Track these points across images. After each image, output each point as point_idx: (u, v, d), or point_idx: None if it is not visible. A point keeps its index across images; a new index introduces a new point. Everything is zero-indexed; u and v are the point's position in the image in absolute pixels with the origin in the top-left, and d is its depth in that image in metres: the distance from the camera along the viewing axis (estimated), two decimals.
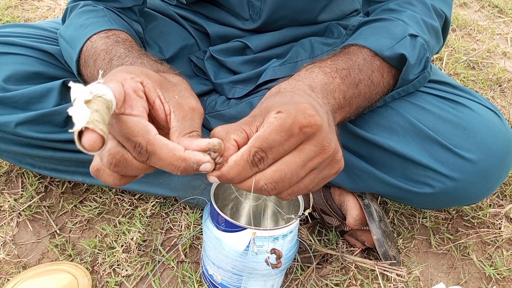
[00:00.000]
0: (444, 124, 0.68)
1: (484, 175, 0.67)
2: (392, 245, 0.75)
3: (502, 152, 0.68)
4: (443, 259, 0.84)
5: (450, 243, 0.86)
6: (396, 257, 0.75)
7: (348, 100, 0.58)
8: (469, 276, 0.81)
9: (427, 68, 0.68)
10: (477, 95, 0.74)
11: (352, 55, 0.62)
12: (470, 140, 0.66)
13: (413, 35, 0.65)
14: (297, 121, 0.44)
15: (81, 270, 0.72)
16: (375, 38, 0.64)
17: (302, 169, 0.45)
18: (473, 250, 0.85)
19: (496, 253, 0.85)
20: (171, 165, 0.42)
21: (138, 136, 0.42)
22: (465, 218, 0.91)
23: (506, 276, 0.81)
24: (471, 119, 0.68)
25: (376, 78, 0.62)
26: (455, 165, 0.66)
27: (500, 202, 0.95)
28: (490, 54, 1.51)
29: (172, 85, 0.50)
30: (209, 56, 0.90)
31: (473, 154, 0.66)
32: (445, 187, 0.67)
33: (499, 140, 0.68)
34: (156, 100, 0.47)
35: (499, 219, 0.91)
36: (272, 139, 0.43)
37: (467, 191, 0.68)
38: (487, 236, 0.87)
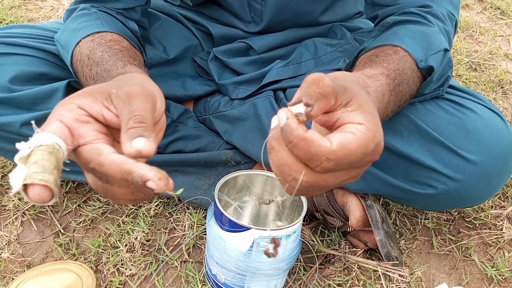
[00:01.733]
0: (448, 126, 0.68)
1: (486, 177, 0.68)
2: (394, 246, 0.76)
3: (505, 154, 0.68)
4: (445, 260, 0.84)
5: (452, 244, 0.86)
6: (398, 258, 0.76)
7: (388, 115, 0.58)
8: (471, 277, 0.81)
9: (444, 86, 0.68)
10: (481, 97, 0.74)
11: (404, 64, 0.60)
12: (473, 142, 0.67)
13: (446, 50, 0.64)
14: (379, 145, 0.40)
15: (85, 269, 0.72)
16: (414, 43, 0.62)
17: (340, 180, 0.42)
18: (474, 251, 0.85)
19: (497, 254, 0.85)
20: (124, 180, 0.39)
21: (91, 162, 0.40)
22: (467, 219, 0.92)
23: (507, 277, 0.81)
24: (474, 121, 0.68)
25: (413, 91, 0.62)
26: (458, 167, 0.67)
27: (502, 203, 0.95)
28: (492, 56, 1.51)
29: (121, 83, 0.46)
30: (212, 57, 0.90)
31: (476, 156, 0.66)
32: (448, 188, 0.67)
33: (502, 142, 0.68)
34: (104, 112, 0.43)
35: (500, 220, 0.91)
36: (351, 158, 0.38)
37: (469, 192, 0.68)
38: (489, 238, 0.87)
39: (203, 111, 0.90)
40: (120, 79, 0.50)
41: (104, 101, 0.43)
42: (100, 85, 0.46)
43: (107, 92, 0.43)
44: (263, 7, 0.84)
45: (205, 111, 0.89)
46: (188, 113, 0.87)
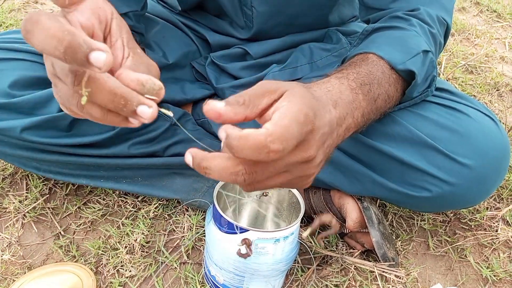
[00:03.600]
0: (441, 130, 0.69)
1: (480, 180, 0.69)
2: (390, 247, 0.77)
3: (498, 157, 0.69)
4: (441, 261, 0.85)
5: (447, 245, 0.88)
6: (394, 259, 0.77)
7: (366, 116, 0.58)
8: (467, 278, 0.82)
9: (431, 87, 0.69)
10: (474, 101, 0.75)
11: (372, 67, 0.62)
12: (467, 146, 0.68)
13: (425, 51, 0.65)
14: (309, 117, 0.42)
15: (86, 270, 0.73)
16: (391, 49, 0.64)
17: (283, 168, 0.43)
18: (470, 252, 0.86)
19: (492, 255, 0.86)
20: (54, 37, 0.33)
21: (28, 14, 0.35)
22: (463, 220, 0.93)
23: (502, 278, 0.82)
24: (468, 126, 0.69)
25: (391, 92, 0.63)
26: (452, 170, 0.68)
27: (497, 205, 0.96)
28: (488, 58, 1.53)
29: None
30: (210, 62, 0.91)
31: (469, 160, 0.67)
32: (442, 192, 0.69)
33: (495, 146, 0.69)
34: (119, 40, 0.43)
35: (496, 221, 0.92)
36: (291, 130, 0.40)
37: (463, 195, 0.70)
38: (484, 239, 0.88)
39: (202, 115, 0.91)
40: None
41: (125, 36, 0.44)
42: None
43: (130, 37, 0.45)
44: (253, 13, 0.85)
45: (204, 115, 0.90)
46: (186, 116, 0.88)
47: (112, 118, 0.42)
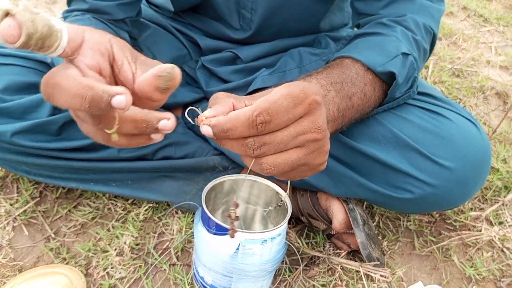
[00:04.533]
0: (423, 133, 0.71)
1: (461, 182, 0.71)
2: (376, 248, 0.78)
3: (479, 160, 0.71)
4: (426, 261, 0.87)
5: (433, 245, 0.89)
6: (380, 259, 0.78)
7: (341, 112, 0.60)
8: (451, 277, 0.84)
9: (413, 87, 0.71)
10: (456, 105, 0.77)
11: (345, 68, 0.64)
12: (448, 148, 0.70)
13: (405, 54, 0.67)
14: (305, 92, 0.45)
15: (76, 272, 0.74)
16: (369, 53, 0.66)
17: (292, 140, 0.46)
18: (454, 252, 0.88)
19: (476, 254, 0.88)
20: (77, 96, 0.37)
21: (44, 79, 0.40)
22: (448, 221, 0.95)
23: (485, 277, 0.84)
24: (449, 129, 0.71)
25: (368, 91, 0.65)
26: (434, 173, 0.70)
27: (481, 205, 0.98)
28: (475, 62, 1.55)
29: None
30: (200, 66, 0.93)
31: (450, 162, 0.69)
32: (424, 193, 0.70)
33: (476, 149, 0.71)
34: (124, 61, 0.45)
35: (480, 222, 0.94)
36: (280, 104, 0.43)
37: (445, 197, 0.71)
38: (468, 238, 0.90)
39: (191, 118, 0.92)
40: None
41: (129, 54, 0.46)
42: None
43: (133, 52, 0.47)
44: (253, 16, 0.86)
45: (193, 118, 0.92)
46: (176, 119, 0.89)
47: (137, 141, 0.45)
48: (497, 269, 0.85)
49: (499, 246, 0.89)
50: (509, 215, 0.96)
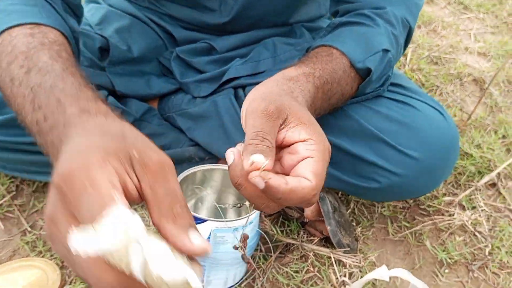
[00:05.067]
0: (390, 123, 0.72)
1: (427, 171, 0.72)
2: (346, 234, 0.80)
3: (445, 149, 0.73)
4: (399, 246, 0.89)
5: (406, 231, 0.91)
6: (350, 245, 0.80)
7: (318, 111, 0.61)
8: (423, 261, 0.86)
9: (384, 86, 0.72)
10: (424, 95, 0.78)
11: (336, 64, 0.64)
12: (414, 138, 0.71)
13: (385, 50, 0.67)
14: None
15: (51, 265, 0.75)
16: (354, 46, 0.66)
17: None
18: (427, 237, 0.90)
19: (449, 239, 0.90)
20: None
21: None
22: (421, 206, 0.96)
23: (457, 260, 0.86)
24: (416, 119, 0.72)
25: (346, 91, 0.66)
26: (400, 162, 0.71)
27: (455, 191, 1.00)
28: (453, 49, 1.57)
29: (135, 143, 0.38)
30: (175, 56, 0.93)
31: (416, 152, 0.71)
32: (391, 182, 0.72)
33: (442, 138, 0.73)
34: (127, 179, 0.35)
35: (453, 207, 0.96)
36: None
37: (411, 185, 0.73)
38: (441, 223, 0.92)
39: (167, 109, 0.92)
40: (122, 133, 0.39)
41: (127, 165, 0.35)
42: (116, 143, 0.36)
43: (127, 154, 0.36)
44: (235, 4, 0.85)
45: (169, 109, 0.92)
46: (152, 111, 0.90)
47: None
48: (469, 253, 0.87)
49: (471, 230, 0.91)
50: (482, 200, 0.98)
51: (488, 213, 0.95)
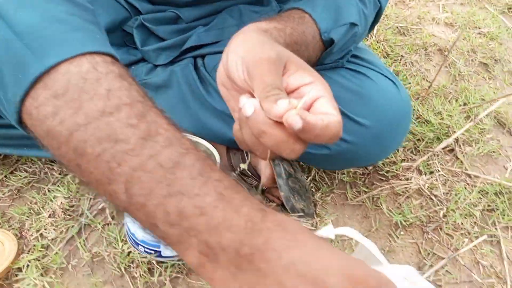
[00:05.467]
0: (344, 92, 0.73)
1: (377, 139, 0.74)
2: (301, 200, 0.81)
3: (395, 118, 0.74)
4: (358, 210, 0.91)
5: (364, 195, 0.93)
6: (305, 210, 0.82)
7: None
8: (380, 224, 0.88)
9: (344, 59, 0.72)
10: (380, 65, 0.79)
11: (306, 28, 0.63)
12: (365, 106, 0.72)
13: (353, 24, 0.67)
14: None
15: (8, 235, 0.75)
16: (325, 14, 0.65)
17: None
18: (384, 201, 0.92)
19: (405, 202, 0.92)
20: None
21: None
22: (380, 172, 0.98)
23: (412, 223, 0.88)
24: (369, 88, 0.73)
25: (312, 57, 0.65)
26: (350, 130, 0.72)
27: (413, 157, 1.02)
28: (420, 20, 1.57)
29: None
30: (139, 24, 0.92)
31: (367, 120, 0.72)
32: (341, 149, 0.73)
33: (393, 107, 0.74)
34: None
35: (411, 172, 0.98)
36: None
37: (361, 152, 0.74)
38: (398, 187, 0.94)
39: None
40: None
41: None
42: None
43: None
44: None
45: None
46: None
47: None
48: (424, 216, 0.89)
49: (428, 194, 0.94)
50: (439, 165, 1.00)
51: (445, 177, 0.98)
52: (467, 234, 0.86)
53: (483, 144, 1.06)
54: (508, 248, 0.84)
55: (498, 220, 0.89)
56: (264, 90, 0.45)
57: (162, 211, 0.36)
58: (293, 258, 0.35)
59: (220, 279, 0.36)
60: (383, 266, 0.62)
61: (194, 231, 0.36)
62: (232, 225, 0.36)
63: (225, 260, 0.36)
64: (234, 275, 0.36)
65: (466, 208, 0.90)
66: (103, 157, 0.37)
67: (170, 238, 0.37)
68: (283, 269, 0.35)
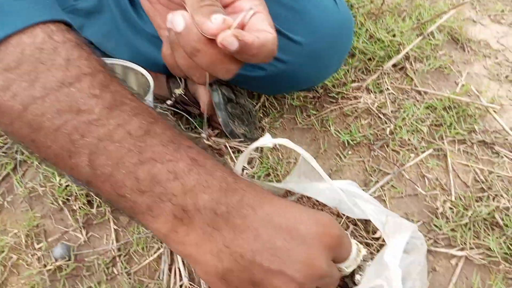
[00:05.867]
0: (279, 8, 0.69)
1: (313, 58, 0.70)
2: (242, 125, 0.80)
3: (332, 35, 0.71)
4: (307, 133, 0.90)
5: (313, 118, 0.92)
6: (247, 135, 0.80)
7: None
8: (328, 145, 0.87)
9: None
10: None
11: None
12: (301, 23, 0.69)
13: None
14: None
15: None
16: None
17: None
18: (333, 123, 0.91)
19: (354, 123, 0.91)
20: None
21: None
22: (330, 95, 0.97)
23: (360, 142, 0.88)
24: (305, 4, 0.69)
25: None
26: (285, 48, 0.69)
27: (364, 77, 1.00)
28: None
29: None
30: None
31: (303, 37, 0.68)
32: (277, 70, 0.70)
33: (330, 22, 0.70)
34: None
35: (360, 92, 0.97)
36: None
37: (299, 73, 0.71)
38: (346, 107, 0.93)
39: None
40: None
41: None
42: None
43: None
44: None
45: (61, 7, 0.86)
46: None
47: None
48: (372, 134, 0.89)
49: (376, 113, 0.93)
50: (389, 83, 0.99)
51: (395, 95, 0.97)
52: (414, 149, 0.86)
53: (434, 60, 1.04)
54: (455, 161, 0.85)
55: (445, 134, 0.89)
56: (195, 2, 0.41)
57: (132, 179, 0.36)
58: (267, 212, 0.38)
59: (193, 241, 0.37)
60: (325, 180, 0.61)
61: (168, 195, 0.36)
62: (208, 186, 0.37)
63: (200, 221, 0.37)
64: (210, 235, 0.37)
65: (413, 124, 0.90)
66: (63, 130, 0.35)
67: (139, 207, 0.36)
68: (259, 222, 0.37)
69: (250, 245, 0.37)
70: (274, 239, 0.37)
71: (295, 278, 0.37)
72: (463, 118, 0.91)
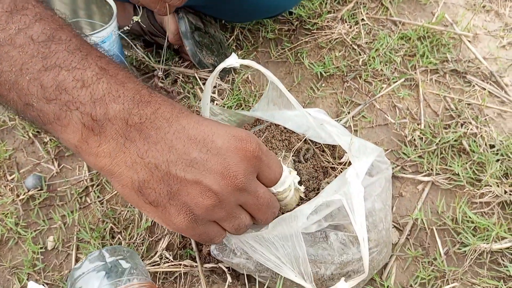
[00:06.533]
0: None
1: None
2: (211, 55, 0.79)
3: None
4: (281, 67, 0.89)
5: (288, 51, 0.91)
6: (215, 65, 0.80)
7: None
8: (302, 78, 0.87)
9: None
10: None
11: None
12: None
13: None
14: None
15: None
16: None
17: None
18: (307, 55, 0.90)
19: (328, 55, 0.91)
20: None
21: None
22: (306, 27, 0.95)
23: (333, 73, 0.88)
24: None
25: None
26: None
27: (339, 7, 0.99)
28: None
29: None
30: None
31: None
32: None
33: None
34: None
35: (336, 23, 0.95)
36: None
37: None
38: (320, 39, 0.92)
39: None
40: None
41: None
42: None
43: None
44: None
45: None
46: None
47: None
48: (346, 66, 0.88)
49: (350, 44, 0.92)
50: (364, 13, 0.97)
51: (370, 26, 0.96)
52: (386, 80, 0.87)
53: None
54: (426, 90, 0.85)
55: (418, 64, 0.89)
56: None
57: (38, 86, 0.35)
58: (183, 125, 0.38)
59: (106, 152, 0.36)
60: (294, 106, 0.62)
61: (76, 103, 0.35)
62: (119, 96, 0.36)
63: (112, 131, 0.36)
64: (123, 145, 0.36)
65: (387, 54, 0.89)
66: None
67: (47, 116, 0.35)
68: (174, 134, 0.37)
69: (165, 156, 0.36)
70: (189, 150, 0.37)
71: (211, 187, 0.37)
72: (436, 48, 0.91)
